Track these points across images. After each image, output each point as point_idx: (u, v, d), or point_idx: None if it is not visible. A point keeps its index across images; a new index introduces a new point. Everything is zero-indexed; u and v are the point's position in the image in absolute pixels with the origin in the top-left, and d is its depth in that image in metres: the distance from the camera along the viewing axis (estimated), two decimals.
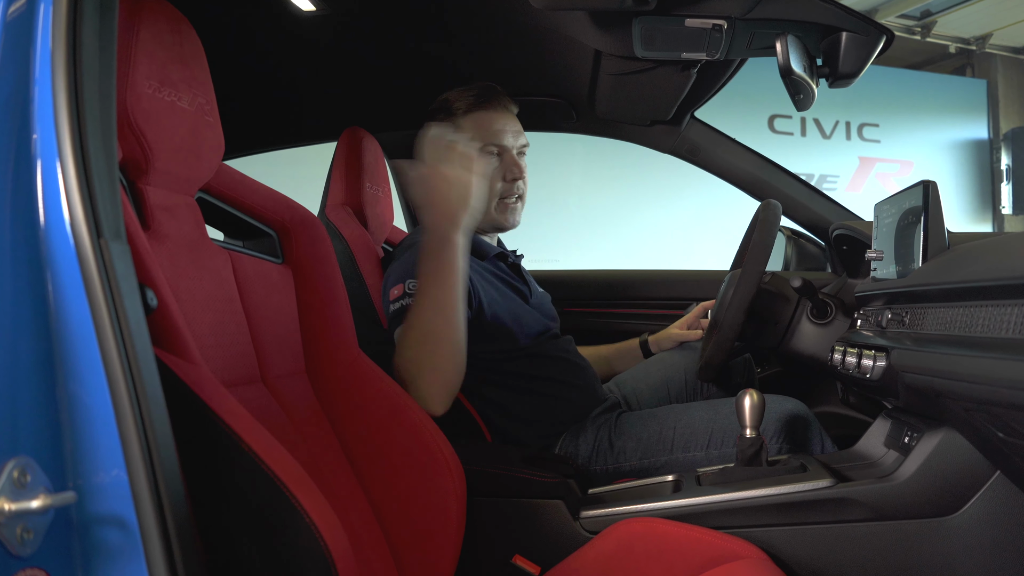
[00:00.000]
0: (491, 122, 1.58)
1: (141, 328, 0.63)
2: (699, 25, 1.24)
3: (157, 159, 0.90)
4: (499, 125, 1.59)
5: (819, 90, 1.31)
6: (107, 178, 0.64)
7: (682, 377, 1.75)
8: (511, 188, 1.59)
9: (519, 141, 1.62)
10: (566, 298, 2.26)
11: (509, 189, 1.59)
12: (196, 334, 0.90)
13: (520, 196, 1.62)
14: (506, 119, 1.60)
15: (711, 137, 2.02)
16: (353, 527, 1.03)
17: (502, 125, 1.59)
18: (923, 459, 1.10)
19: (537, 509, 1.20)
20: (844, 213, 2.02)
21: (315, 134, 2.09)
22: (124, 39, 0.86)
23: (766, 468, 1.21)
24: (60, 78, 0.64)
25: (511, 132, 1.60)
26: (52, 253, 0.61)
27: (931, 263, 1.12)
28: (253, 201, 1.13)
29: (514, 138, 1.60)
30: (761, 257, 1.42)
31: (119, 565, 0.59)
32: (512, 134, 1.60)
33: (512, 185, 1.59)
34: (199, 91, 0.96)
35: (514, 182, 1.59)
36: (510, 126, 1.60)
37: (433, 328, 1.25)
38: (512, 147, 1.60)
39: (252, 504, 0.72)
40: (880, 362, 1.11)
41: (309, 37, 1.54)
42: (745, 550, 1.07)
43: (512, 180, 1.59)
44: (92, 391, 0.60)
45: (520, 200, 1.63)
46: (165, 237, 0.93)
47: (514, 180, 1.59)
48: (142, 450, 0.59)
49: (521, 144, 1.62)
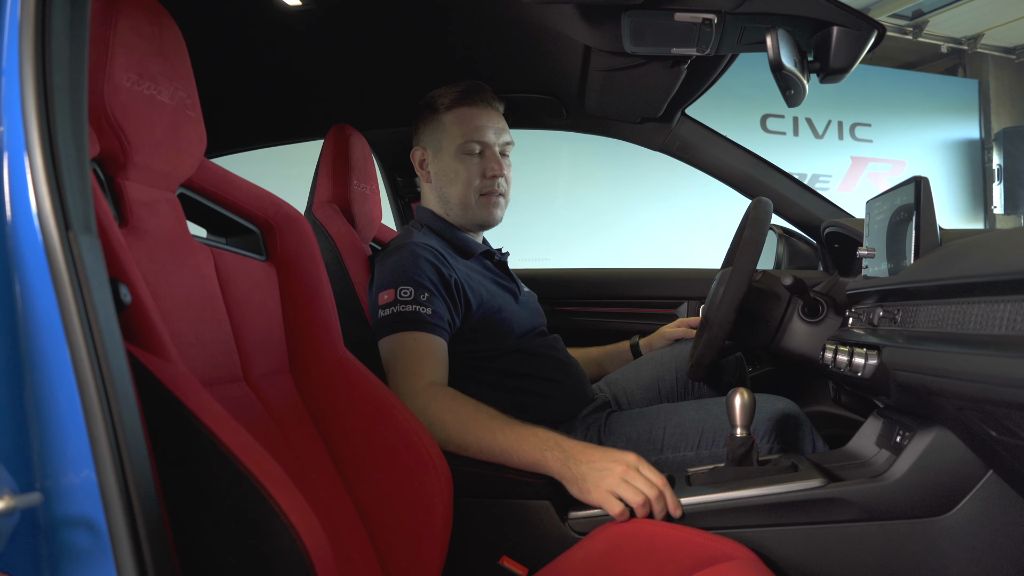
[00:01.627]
0: (473, 118, 1.58)
1: (111, 324, 0.61)
2: (689, 20, 1.23)
3: (136, 153, 0.88)
4: (481, 121, 1.58)
5: (811, 89, 1.29)
6: (77, 170, 0.63)
7: (673, 376, 1.74)
8: (491, 184, 1.58)
9: (501, 138, 1.61)
10: (556, 297, 2.24)
11: (489, 185, 1.58)
12: (175, 332, 0.88)
13: (502, 193, 1.61)
14: (489, 116, 1.60)
15: (702, 134, 2.01)
16: (337, 528, 1.01)
17: (484, 121, 1.58)
18: (915, 458, 1.09)
19: (525, 510, 1.18)
20: (836, 211, 2.01)
21: (302, 131, 2.07)
22: (101, 31, 0.84)
23: (757, 468, 1.20)
24: (28, 68, 0.62)
25: (493, 129, 1.59)
26: (19, 247, 0.60)
27: (923, 260, 1.11)
28: (236, 197, 1.11)
29: (496, 135, 1.60)
30: (752, 255, 1.41)
31: (88, 568, 0.57)
32: (494, 131, 1.59)
33: (492, 182, 1.58)
34: (180, 85, 0.95)
35: (494, 179, 1.58)
36: (493, 123, 1.60)
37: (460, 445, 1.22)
38: (494, 144, 1.59)
39: (228, 505, 0.70)
40: (872, 360, 1.10)
41: (295, 32, 1.52)
42: (735, 551, 1.06)
43: (492, 176, 1.58)
44: (60, 389, 0.58)
45: (502, 197, 1.62)
46: (144, 233, 0.91)
47: (494, 176, 1.58)
48: (112, 450, 0.58)
49: (504, 142, 1.61)
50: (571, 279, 2.34)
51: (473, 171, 1.57)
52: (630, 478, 1.13)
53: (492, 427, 1.21)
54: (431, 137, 1.61)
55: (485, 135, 1.58)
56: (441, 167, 1.60)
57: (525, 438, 1.19)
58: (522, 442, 1.18)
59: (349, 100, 1.90)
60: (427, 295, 1.37)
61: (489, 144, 1.58)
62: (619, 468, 1.13)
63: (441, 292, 1.40)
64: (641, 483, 1.12)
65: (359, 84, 1.80)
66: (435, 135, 1.60)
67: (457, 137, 1.57)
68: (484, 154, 1.58)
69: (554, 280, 2.30)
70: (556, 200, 5.86)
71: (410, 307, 1.36)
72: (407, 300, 1.36)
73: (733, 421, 1.21)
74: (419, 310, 1.36)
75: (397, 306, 1.36)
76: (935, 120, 7.47)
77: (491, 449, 1.20)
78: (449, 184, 1.59)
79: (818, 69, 1.27)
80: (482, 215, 1.60)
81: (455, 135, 1.57)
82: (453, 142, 1.58)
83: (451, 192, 1.59)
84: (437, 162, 1.61)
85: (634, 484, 1.12)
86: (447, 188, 1.60)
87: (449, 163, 1.59)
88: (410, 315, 1.35)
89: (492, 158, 1.58)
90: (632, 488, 1.12)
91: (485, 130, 1.58)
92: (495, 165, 1.58)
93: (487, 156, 1.58)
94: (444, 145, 1.59)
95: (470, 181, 1.57)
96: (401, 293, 1.37)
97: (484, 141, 1.58)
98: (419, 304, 1.36)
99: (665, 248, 6.05)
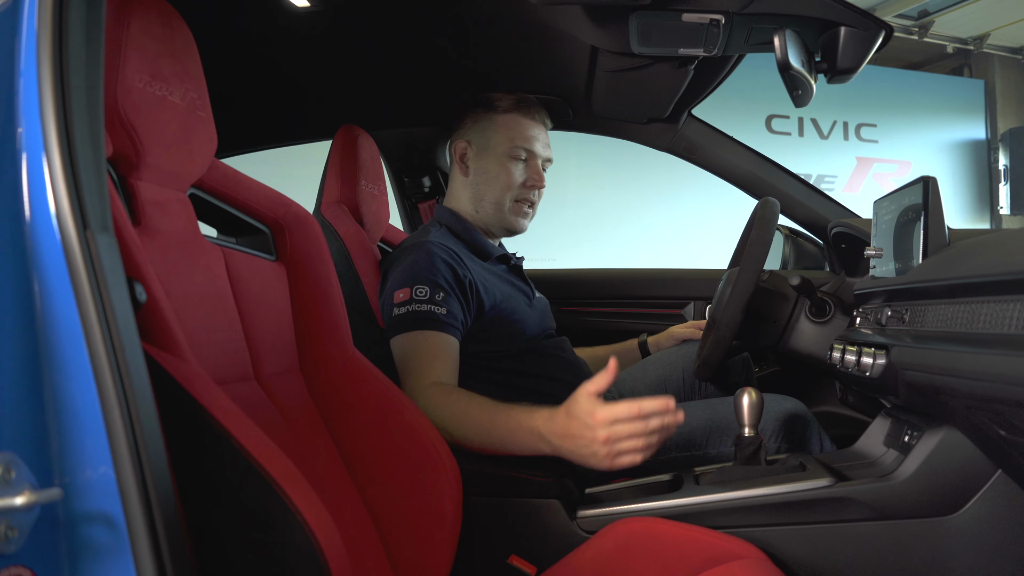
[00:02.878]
0: (527, 127, 1.63)
1: (128, 321, 0.62)
2: (696, 20, 1.23)
3: (148, 154, 0.89)
4: (533, 132, 1.64)
5: (816, 90, 1.30)
6: (94, 170, 0.63)
7: (680, 376, 1.74)
8: (528, 194, 1.63)
9: (546, 153, 1.67)
10: (563, 297, 2.25)
11: (526, 195, 1.63)
12: (187, 331, 0.89)
13: (533, 204, 1.66)
14: (541, 130, 1.66)
15: (708, 135, 2.01)
16: (347, 526, 1.02)
17: (536, 133, 1.64)
18: (923, 458, 1.09)
19: (533, 509, 1.18)
20: (842, 211, 2.01)
21: (310, 132, 2.08)
22: (114, 32, 0.85)
23: (765, 467, 1.20)
24: (46, 70, 0.63)
25: (542, 142, 1.66)
26: (38, 246, 0.60)
27: (932, 259, 1.11)
28: (246, 197, 1.12)
29: (543, 148, 1.66)
30: (759, 254, 1.41)
31: (106, 563, 0.57)
32: (542, 144, 1.66)
33: (530, 191, 1.63)
34: (191, 85, 0.95)
35: (532, 188, 1.63)
36: (542, 137, 1.66)
37: (461, 440, 1.22)
38: (539, 155, 1.65)
39: (243, 502, 0.71)
40: (880, 360, 1.10)
41: (303, 33, 1.53)
42: (744, 550, 1.06)
43: (531, 186, 1.63)
44: (78, 386, 0.58)
45: (532, 208, 1.67)
46: (156, 233, 0.91)
47: (533, 186, 1.63)
48: (130, 446, 0.58)
49: (547, 156, 1.67)
50: (577, 279, 2.34)
51: (515, 176, 1.62)
52: (616, 439, 1.08)
53: (484, 422, 1.21)
54: (480, 134, 1.64)
55: (534, 145, 1.63)
56: (483, 164, 1.63)
57: (514, 433, 1.18)
58: (513, 437, 1.19)
59: (357, 101, 1.91)
60: (442, 295, 1.38)
61: (536, 155, 1.64)
62: (600, 439, 1.09)
63: (456, 292, 1.41)
64: (625, 434, 1.08)
65: (367, 85, 1.81)
66: (485, 132, 1.63)
67: (508, 140, 1.61)
68: (529, 163, 1.63)
69: (561, 280, 2.30)
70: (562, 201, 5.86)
71: (425, 306, 1.36)
72: (423, 299, 1.37)
73: (741, 420, 1.21)
74: (434, 309, 1.36)
75: (412, 305, 1.37)
76: (941, 120, 7.45)
77: (490, 443, 1.21)
78: (488, 183, 1.62)
79: (825, 69, 1.27)
80: (511, 221, 1.64)
81: (506, 137, 1.61)
82: (503, 143, 1.61)
83: (488, 191, 1.62)
84: (480, 159, 1.63)
85: (625, 446, 1.09)
86: (484, 186, 1.62)
87: (493, 162, 1.62)
88: (425, 314, 1.36)
89: (535, 168, 1.64)
90: (626, 455, 1.09)
91: (535, 141, 1.63)
92: (536, 176, 1.63)
93: (531, 166, 1.63)
94: (493, 144, 1.62)
95: (510, 185, 1.61)
96: (417, 292, 1.38)
97: (532, 151, 1.63)
98: (434, 304, 1.37)
99: (671, 249, 6.05)
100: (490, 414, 1.21)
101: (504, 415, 1.20)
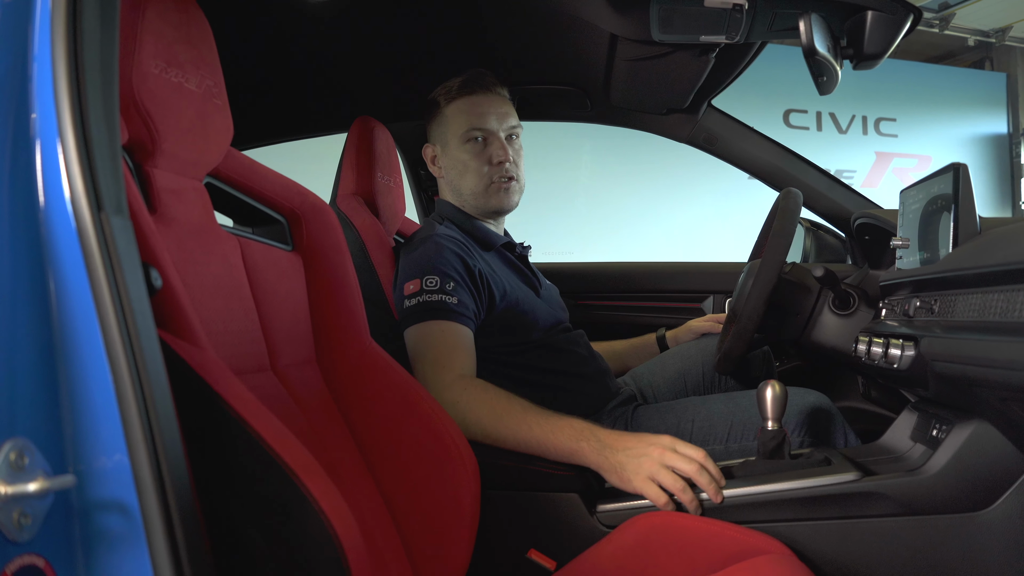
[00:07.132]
0: (474, 106, 1.56)
1: (144, 306, 0.60)
2: (719, 6, 1.21)
3: (164, 141, 0.88)
4: (482, 108, 1.56)
5: None
6: (108, 152, 0.62)
7: (699, 370, 1.72)
8: (499, 170, 1.56)
9: (506, 123, 1.58)
10: (580, 290, 2.23)
11: (497, 172, 1.56)
12: (204, 320, 0.88)
13: (511, 177, 1.58)
14: (491, 102, 1.57)
15: (729, 126, 1.98)
16: (364, 518, 1.01)
17: (485, 108, 1.56)
18: (953, 452, 1.06)
19: (553, 503, 1.17)
20: (865, 203, 1.97)
21: (326, 124, 2.07)
22: (130, 18, 0.84)
23: (789, 461, 1.18)
24: (60, 53, 0.62)
25: (495, 114, 1.56)
26: (52, 230, 0.59)
27: (962, 248, 1.08)
28: (263, 187, 1.11)
29: (499, 120, 1.57)
30: (782, 246, 1.39)
31: (121, 551, 0.56)
32: (496, 116, 1.57)
33: (500, 168, 1.56)
34: (207, 73, 0.94)
35: (500, 164, 1.56)
36: (495, 108, 1.57)
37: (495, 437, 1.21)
38: (496, 130, 1.56)
39: (260, 491, 0.69)
40: (909, 351, 1.08)
41: (319, 25, 1.52)
42: (768, 545, 1.04)
43: (498, 163, 1.55)
44: (93, 372, 0.57)
45: (513, 181, 1.59)
46: (172, 220, 0.90)
47: (500, 163, 1.55)
48: (144, 433, 0.57)
49: (509, 126, 1.58)
50: (595, 273, 2.32)
51: (480, 160, 1.55)
52: (668, 460, 1.10)
53: (527, 418, 1.19)
54: (437, 132, 1.61)
55: (487, 122, 1.55)
56: (449, 160, 1.60)
57: (560, 428, 1.17)
58: (557, 432, 1.17)
59: (373, 93, 1.89)
60: (452, 284, 1.37)
61: (491, 131, 1.56)
62: (656, 452, 1.11)
63: (466, 282, 1.39)
64: (679, 461, 1.10)
65: (383, 76, 1.80)
66: (440, 129, 1.60)
67: (459, 128, 1.56)
68: (488, 141, 1.56)
69: (578, 274, 2.28)
70: (580, 195, 5.85)
71: (436, 296, 1.35)
72: (433, 289, 1.36)
73: (764, 414, 1.18)
74: (445, 299, 1.35)
75: (423, 295, 1.35)
76: (962, 114, 7.35)
77: (527, 441, 1.18)
78: (459, 176, 1.58)
79: (851, 55, 1.24)
80: (495, 202, 1.58)
81: (457, 126, 1.56)
82: (456, 133, 1.56)
83: (462, 184, 1.58)
84: (445, 156, 1.61)
85: (673, 465, 1.10)
86: (457, 180, 1.59)
87: (455, 155, 1.58)
88: (436, 304, 1.35)
89: (496, 144, 1.56)
90: (671, 474, 1.10)
91: (487, 117, 1.56)
92: (500, 151, 1.55)
93: (491, 143, 1.56)
94: (448, 138, 1.58)
95: (478, 170, 1.55)
96: (427, 282, 1.36)
97: (486, 128, 1.55)
98: (445, 293, 1.35)
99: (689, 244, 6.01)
100: (533, 411, 1.21)
101: (548, 412, 1.20)
